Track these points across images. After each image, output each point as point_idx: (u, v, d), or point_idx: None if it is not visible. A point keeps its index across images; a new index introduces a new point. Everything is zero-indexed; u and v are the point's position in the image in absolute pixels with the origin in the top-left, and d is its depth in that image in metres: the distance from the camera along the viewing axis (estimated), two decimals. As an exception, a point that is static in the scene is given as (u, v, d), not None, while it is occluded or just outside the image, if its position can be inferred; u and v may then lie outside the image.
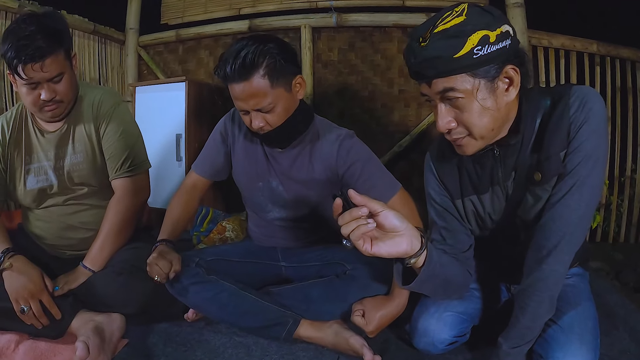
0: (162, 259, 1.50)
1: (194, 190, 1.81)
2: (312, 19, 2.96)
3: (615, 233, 2.88)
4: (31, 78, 1.49)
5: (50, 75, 1.52)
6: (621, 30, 2.80)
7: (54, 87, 1.56)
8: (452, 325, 1.36)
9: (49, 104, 1.57)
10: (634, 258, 2.50)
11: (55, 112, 1.61)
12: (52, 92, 1.55)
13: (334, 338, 1.46)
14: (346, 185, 1.57)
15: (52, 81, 1.54)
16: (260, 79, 1.43)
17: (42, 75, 1.50)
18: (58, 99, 1.58)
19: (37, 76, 1.49)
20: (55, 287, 1.55)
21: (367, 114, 2.90)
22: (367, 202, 1.02)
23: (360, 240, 1.03)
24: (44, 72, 1.50)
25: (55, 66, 1.52)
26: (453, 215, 1.35)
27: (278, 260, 1.79)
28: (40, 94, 1.53)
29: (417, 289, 1.24)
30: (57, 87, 1.56)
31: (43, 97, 1.53)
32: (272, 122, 1.51)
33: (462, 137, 1.14)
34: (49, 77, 1.52)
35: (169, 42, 3.35)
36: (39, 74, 1.49)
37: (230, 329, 1.59)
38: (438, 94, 1.09)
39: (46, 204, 1.73)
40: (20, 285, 1.47)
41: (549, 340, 1.19)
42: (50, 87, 1.54)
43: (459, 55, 1.01)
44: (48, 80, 1.53)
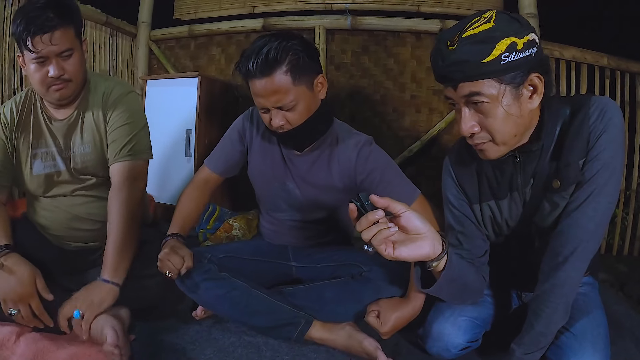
0: (174, 255, 1.48)
1: (206, 186, 1.79)
2: (326, 20, 2.94)
3: (620, 246, 2.87)
4: (40, 51, 1.46)
5: (59, 49, 1.49)
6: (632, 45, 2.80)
7: (63, 64, 1.52)
8: (466, 330, 1.36)
9: (57, 83, 1.53)
10: (638, 271, 2.49)
11: (63, 92, 1.57)
12: (60, 68, 1.51)
13: (347, 340, 1.44)
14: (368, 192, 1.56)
15: (61, 56, 1.51)
16: (283, 75, 1.42)
17: (51, 48, 1.47)
18: (66, 77, 1.54)
19: (45, 49, 1.47)
20: (76, 313, 1.39)
21: (378, 118, 2.89)
22: (390, 203, 1.02)
23: (382, 245, 1.02)
24: (53, 45, 1.47)
25: (64, 40, 1.50)
26: (470, 220, 1.35)
27: (289, 259, 1.77)
28: (49, 70, 1.50)
29: (436, 293, 1.24)
30: (65, 64, 1.53)
31: (51, 73, 1.50)
32: (293, 121, 1.49)
33: (484, 142, 1.14)
34: (57, 50, 1.49)
35: (181, 37, 3.33)
36: (48, 46, 1.46)
37: (240, 328, 1.57)
38: (463, 97, 1.10)
39: (53, 192, 1.70)
40: (9, 288, 1.41)
41: (562, 347, 1.20)
42: (59, 63, 1.51)
43: (487, 60, 1.02)
44: (57, 54, 1.50)
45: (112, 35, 3.25)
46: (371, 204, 1.02)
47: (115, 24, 3.21)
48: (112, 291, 1.47)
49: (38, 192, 1.70)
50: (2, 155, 1.65)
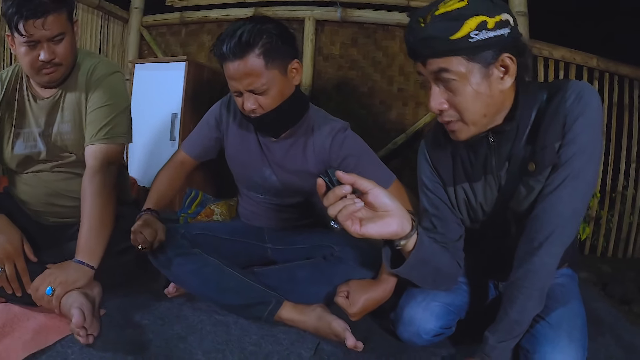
0: (147, 228, 1.48)
1: (182, 167, 1.80)
2: (317, 11, 2.96)
3: (604, 247, 2.89)
4: (31, 35, 1.44)
5: (51, 34, 1.47)
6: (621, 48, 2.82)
7: (54, 48, 1.50)
8: (438, 316, 1.33)
9: (47, 67, 1.52)
10: (622, 272, 2.51)
11: (53, 75, 1.55)
12: (51, 53, 1.49)
13: (317, 322, 1.43)
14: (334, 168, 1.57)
15: (52, 41, 1.49)
16: (256, 58, 1.41)
17: (43, 33, 1.45)
18: (57, 61, 1.52)
19: (37, 34, 1.44)
20: (48, 290, 1.38)
21: (365, 110, 2.91)
22: (357, 179, 1.02)
23: (348, 221, 1.02)
24: (45, 30, 1.45)
25: (56, 25, 1.47)
26: (445, 203, 1.33)
27: (264, 241, 1.78)
28: (39, 54, 1.48)
29: (406, 274, 1.23)
30: (56, 49, 1.51)
31: (42, 57, 1.48)
32: (265, 105, 1.49)
33: (453, 120, 1.13)
34: (49, 35, 1.47)
35: (172, 24, 3.34)
36: (39, 31, 1.44)
37: (211, 306, 1.56)
38: (432, 74, 1.09)
39: (33, 169, 1.70)
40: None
41: (537, 336, 1.17)
42: (50, 47, 1.49)
43: (455, 37, 1.02)
44: (48, 39, 1.48)
45: (104, 19, 3.26)
46: (338, 180, 1.02)
47: (108, 8, 3.22)
48: (87, 273, 1.45)
49: (18, 169, 1.70)
50: None
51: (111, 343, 1.33)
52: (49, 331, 1.35)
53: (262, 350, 1.34)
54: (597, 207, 2.87)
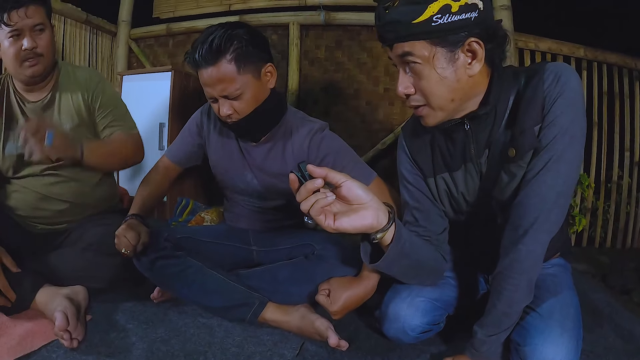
0: (130, 231, 1.50)
1: (166, 173, 1.82)
2: (300, 16, 2.97)
3: (602, 238, 2.87)
4: (15, 24, 1.58)
5: (32, 22, 1.61)
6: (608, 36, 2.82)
7: (36, 38, 1.63)
8: (424, 312, 1.30)
9: (30, 57, 1.63)
10: (620, 262, 2.50)
11: (35, 68, 1.66)
12: (33, 42, 1.62)
13: (300, 322, 1.43)
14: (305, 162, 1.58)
15: (34, 31, 1.62)
16: (227, 63, 1.43)
17: (26, 21, 1.59)
18: (39, 51, 1.64)
19: (20, 22, 1.59)
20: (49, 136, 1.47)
21: (352, 112, 2.91)
22: (328, 172, 1.01)
23: (321, 216, 1.01)
24: (27, 18, 1.60)
25: (37, 15, 1.63)
26: (426, 195, 1.32)
27: (250, 244, 1.78)
28: (22, 44, 1.61)
29: (386, 269, 1.21)
30: (38, 39, 1.64)
31: (25, 45, 1.61)
32: (240, 110, 1.50)
33: (420, 105, 1.13)
34: (31, 24, 1.61)
35: (160, 35, 3.36)
36: (22, 20, 1.59)
37: (196, 310, 1.57)
38: (398, 58, 1.09)
39: (23, 172, 1.74)
40: None
41: (528, 328, 1.14)
42: (32, 37, 1.62)
43: (417, 21, 1.02)
44: (30, 28, 1.61)
45: (92, 33, 3.28)
46: (310, 175, 1.01)
47: (95, 23, 3.24)
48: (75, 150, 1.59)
49: (9, 173, 1.74)
50: None
51: (95, 347, 1.34)
52: (35, 336, 1.37)
53: (244, 352, 1.35)
54: (592, 198, 2.86)
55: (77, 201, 1.81)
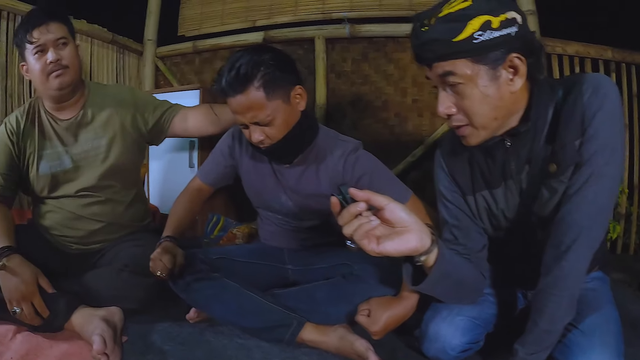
0: (165, 254, 1.49)
1: (198, 194, 1.83)
2: (325, 30, 2.96)
3: (637, 245, 2.78)
4: (38, 39, 1.65)
5: (54, 36, 1.68)
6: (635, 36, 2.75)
7: (59, 52, 1.69)
8: (464, 331, 1.28)
9: (56, 69, 1.68)
10: (657, 269, 2.40)
11: (62, 79, 1.70)
12: (57, 54, 1.68)
13: (339, 342, 1.41)
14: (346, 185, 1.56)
15: (57, 45, 1.69)
16: (256, 91, 1.42)
17: (48, 36, 1.66)
18: (64, 63, 1.70)
19: (43, 38, 1.66)
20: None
21: (381, 124, 2.88)
22: (371, 196, 0.98)
23: (365, 240, 0.98)
24: (49, 33, 1.66)
25: (59, 30, 1.69)
26: (465, 213, 1.30)
27: (285, 262, 1.77)
28: (47, 58, 1.66)
29: (428, 290, 1.19)
30: (62, 52, 1.70)
31: (50, 58, 1.66)
32: (272, 136, 1.49)
33: (462, 125, 1.10)
34: (53, 38, 1.67)
35: (186, 53, 3.38)
36: (45, 35, 1.66)
37: (233, 331, 1.55)
38: (438, 77, 1.07)
39: (58, 192, 1.79)
40: (13, 287, 1.47)
41: (569, 345, 1.11)
42: (56, 50, 1.68)
43: (458, 39, 0.99)
44: (53, 42, 1.68)
45: (119, 53, 3.31)
46: (352, 198, 0.98)
47: (122, 42, 3.28)
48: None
49: (43, 192, 1.79)
50: (9, 159, 1.76)
51: (132, 369, 1.34)
52: (71, 358, 1.37)
53: (284, 373, 1.33)
54: (626, 204, 2.77)
55: (111, 221, 1.84)
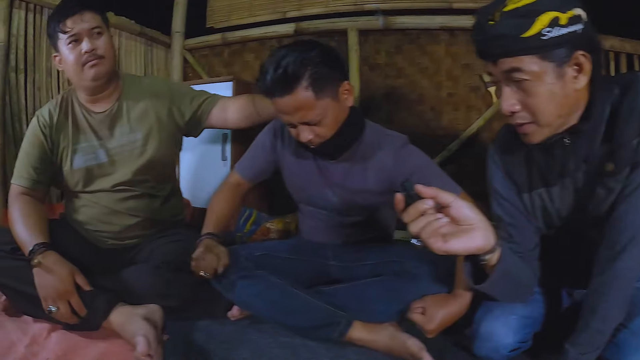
0: (209, 253, 1.45)
1: (237, 189, 1.78)
2: (358, 21, 2.90)
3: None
4: (72, 29, 1.60)
5: (89, 25, 1.62)
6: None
7: (94, 41, 1.64)
8: (516, 330, 1.26)
9: (91, 59, 1.63)
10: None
11: (98, 69, 1.65)
12: (92, 44, 1.63)
13: (389, 341, 1.37)
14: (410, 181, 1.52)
15: (91, 34, 1.63)
16: (304, 91, 1.36)
17: (82, 25, 1.61)
18: (99, 53, 1.64)
19: (77, 27, 1.60)
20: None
21: (416, 118, 2.82)
22: (438, 193, 0.94)
23: (432, 238, 0.94)
24: (83, 22, 1.61)
25: (93, 19, 1.64)
26: (520, 210, 1.27)
27: (328, 258, 1.72)
28: (82, 47, 1.61)
29: (488, 289, 1.15)
30: (97, 42, 1.65)
31: (85, 48, 1.61)
32: (321, 135, 1.45)
33: (526, 122, 1.08)
34: (88, 27, 1.62)
35: (215, 45, 3.35)
36: (79, 24, 1.60)
37: (276, 328, 1.51)
38: (503, 74, 1.04)
39: (93, 187, 1.74)
40: (49, 285, 1.42)
41: (620, 345, 1.08)
42: (91, 40, 1.63)
43: (526, 35, 0.96)
44: (88, 32, 1.62)
45: (147, 45, 3.29)
46: (417, 194, 0.94)
47: (150, 35, 3.26)
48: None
49: (78, 187, 1.74)
50: (42, 153, 1.71)
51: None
52: (110, 357, 1.34)
53: (334, 373, 1.29)
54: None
55: (148, 216, 1.79)
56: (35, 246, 1.48)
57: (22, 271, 1.48)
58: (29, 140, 1.72)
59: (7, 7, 2.38)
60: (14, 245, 1.53)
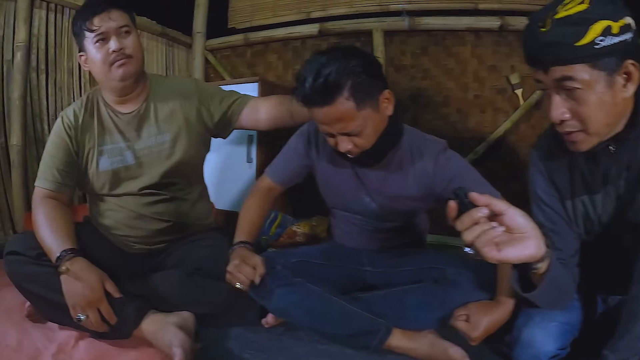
0: (244, 265, 1.42)
1: (269, 194, 1.74)
2: (384, 22, 2.87)
3: None
4: (99, 28, 1.55)
5: (117, 24, 1.58)
6: None
7: (122, 40, 1.59)
8: (557, 337, 1.23)
9: (119, 58, 1.58)
10: None
11: (126, 69, 1.60)
12: (120, 43, 1.58)
13: (429, 349, 1.35)
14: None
15: (119, 33, 1.59)
16: (345, 101, 1.31)
17: (110, 24, 1.56)
18: (128, 52, 1.60)
19: (105, 25, 1.56)
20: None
21: (442, 120, 2.79)
22: (491, 200, 0.92)
23: (486, 247, 0.93)
24: (111, 21, 1.57)
25: (121, 19, 1.59)
26: (562, 217, 1.26)
27: (363, 264, 1.69)
28: (109, 47, 1.57)
29: (536, 297, 1.14)
30: (125, 41, 1.60)
31: (112, 47, 1.57)
32: (361, 145, 1.41)
33: (574, 131, 1.07)
34: (115, 26, 1.57)
35: (237, 45, 3.33)
36: (106, 22, 1.56)
37: (312, 336, 1.49)
38: (554, 82, 1.03)
39: (119, 190, 1.69)
40: (78, 293, 1.37)
41: None
42: (119, 39, 1.58)
43: (580, 43, 0.96)
44: (116, 30, 1.58)
45: (168, 45, 3.29)
46: (471, 202, 0.93)
47: (171, 35, 3.25)
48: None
49: (104, 190, 1.69)
50: (66, 156, 1.65)
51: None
52: (142, 366, 1.30)
53: (372, 381, 1.27)
54: None
55: (176, 220, 1.74)
56: (63, 252, 1.43)
57: (48, 277, 1.44)
58: (53, 142, 1.66)
59: (27, 7, 2.38)
60: (39, 250, 1.48)
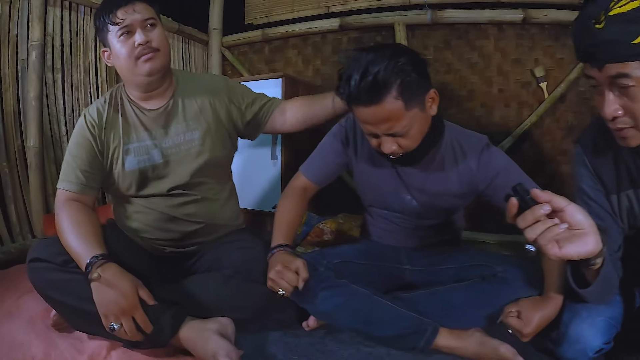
0: (287, 272, 1.38)
1: (305, 193, 1.71)
2: (406, 16, 2.82)
3: None
4: (124, 20, 1.50)
5: (142, 17, 1.53)
6: None
7: (148, 33, 1.54)
8: (603, 332, 1.24)
9: (145, 52, 1.53)
10: None
11: (153, 63, 1.55)
12: (146, 36, 1.53)
13: (478, 347, 1.33)
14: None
15: (144, 26, 1.54)
16: (394, 100, 1.27)
17: (135, 16, 1.52)
18: (154, 45, 1.55)
19: (129, 18, 1.51)
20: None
21: (466, 114, 2.75)
22: (552, 197, 0.93)
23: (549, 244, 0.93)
24: (136, 13, 1.52)
25: (146, 11, 1.55)
26: (607, 212, 1.26)
27: (402, 263, 1.67)
28: (135, 40, 1.52)
29: (589, 292, 1.15)
30: (150, 34, 1.55)
31: (138, 40, 1.51)
32: (406, 146, 1.37)
33: (626, 127, 1.07)
34: (140, 18, 1.52)
35: (255, 42, 3.29)
36: (131, 15, 1.51)
37: (355, 338, 1.46)
38: (608, 79, 1.03)
39: (146, 191, 1.62)
40: (110, 301, 1.29)
41: None
42: (145, 31, 1.53)
43: (637, 41, 0.95)
44: (141, 23, 1.53)
45: (185, 43, 3.25)
46: (532, 199, 0.93)
47: (187, 32, 3.21)
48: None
49: (130, 191, 1.62)
50: (90, 155, 1.58)
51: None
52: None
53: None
54: None
55: (208, 221, 1.68)
56: (92, 258, 1.35)
57: (76, 285, 1.36)
58: (76, 142, 1.59)
59: (42, 5, 2.32)
60: (65, 256, 1.40)
